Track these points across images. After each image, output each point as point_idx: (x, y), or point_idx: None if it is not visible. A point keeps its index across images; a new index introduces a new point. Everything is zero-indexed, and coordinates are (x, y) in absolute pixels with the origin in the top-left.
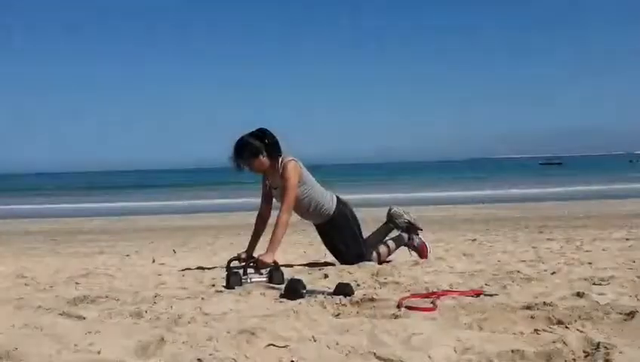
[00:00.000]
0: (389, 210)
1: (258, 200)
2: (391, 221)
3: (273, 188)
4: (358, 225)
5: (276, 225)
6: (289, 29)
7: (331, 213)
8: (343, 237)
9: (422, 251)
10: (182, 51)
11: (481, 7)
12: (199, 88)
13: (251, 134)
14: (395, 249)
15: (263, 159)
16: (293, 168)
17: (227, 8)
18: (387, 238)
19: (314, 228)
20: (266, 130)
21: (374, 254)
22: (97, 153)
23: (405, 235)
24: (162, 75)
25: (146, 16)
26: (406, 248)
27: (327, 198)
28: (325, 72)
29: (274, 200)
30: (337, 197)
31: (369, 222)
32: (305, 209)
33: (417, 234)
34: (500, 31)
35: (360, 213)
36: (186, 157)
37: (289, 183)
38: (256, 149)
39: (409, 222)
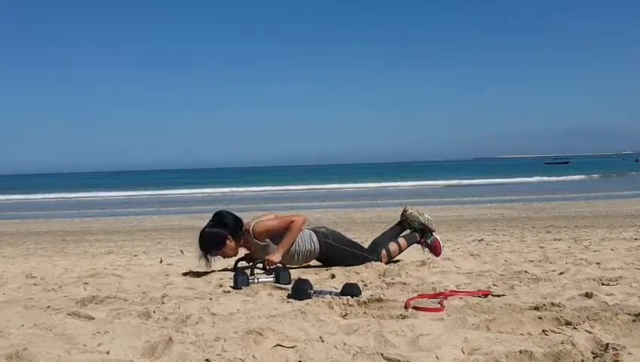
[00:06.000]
0: (404, 211)
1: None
2: (405, 221)
3: (253, 255)
4: (348, 241)
5: (290, 228)
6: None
7: (317, 251)
8: (344, 260)
9: (435, 248)
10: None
11: (483, 7)
12: (204, 88)
13: (210, 225)
14: (407, 247)
15: (231, 243)
16: (258, 223)
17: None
18: (399, 236)
19: None
20: (222, 212)
21: (384, 251)
22: (103, 153)
23: (417, 235)
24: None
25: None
26: (419, 246)
27: (307, 242)
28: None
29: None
30: (315, 233)
31: (375, 221)
32: (293, 261)
33: (431, 235)
34: (500, 30)
35: (367, 214)
36: (192, 158)
37: (273, 224)
38: (221, 237)
39: (423, 224)
